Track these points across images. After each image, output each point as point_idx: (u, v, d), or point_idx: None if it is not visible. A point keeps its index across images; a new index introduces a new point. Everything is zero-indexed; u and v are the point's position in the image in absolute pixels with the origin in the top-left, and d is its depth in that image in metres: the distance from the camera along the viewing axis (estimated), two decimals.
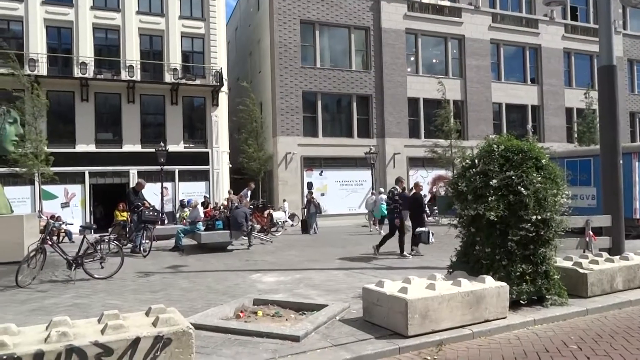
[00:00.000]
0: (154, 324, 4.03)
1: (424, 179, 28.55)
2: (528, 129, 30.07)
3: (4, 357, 3.42)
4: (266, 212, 16.95)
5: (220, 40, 25.84)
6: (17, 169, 18.17)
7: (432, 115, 26.39)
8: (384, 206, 17.80)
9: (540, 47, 32.08)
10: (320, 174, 26.88)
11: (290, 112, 26.30)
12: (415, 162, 28.37)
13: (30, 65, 21.53)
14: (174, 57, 24.61)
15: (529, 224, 5.79)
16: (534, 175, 5.93)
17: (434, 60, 30.27)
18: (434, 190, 28.23)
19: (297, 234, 17.19)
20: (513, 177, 5.88)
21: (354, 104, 27.76)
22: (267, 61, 27.33)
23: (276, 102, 26.03)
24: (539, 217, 5.82)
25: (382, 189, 20.24)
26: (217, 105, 25.40)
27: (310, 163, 26.78)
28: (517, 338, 5.03)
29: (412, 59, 29.34)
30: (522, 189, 5.81)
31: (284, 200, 23.98)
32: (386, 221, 13.62)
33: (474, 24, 30.21)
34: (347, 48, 27.97)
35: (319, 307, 5.86)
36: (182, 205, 19.56)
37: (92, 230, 9.91)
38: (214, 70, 25.09)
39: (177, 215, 19.69)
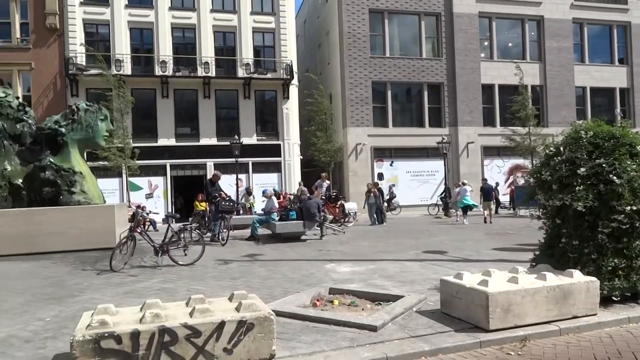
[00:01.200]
0: (237, 309, 4.20)
1: (499, 169, 27.44)
2: (617, 113, 27.89)
3: (106, 334, 3.71)
4: (338, 203, 17.06)
5: (290, 34, 26.21)
6: (107, 162, 19.58)
7: (508, 102, 25.17)
8: (468, 197, 17.42)
9: (629, 25, 29.55)
10: (391, 165, 26.61)
11: (360, 103, 26.21)
12: (490, 152, 27.29)
13: (116, 66, 23.04)
14: (246, 53, 25.30)
15: (622, 215, 5.40)
16: (628, 162, 5.50)
17: (510, 44, 28.84)
18: (512, 179, 27.02)
19: (370, 226, 17.16)
20: (604, 165, 5.49)
21: (425, 93, 27.13)
22: (336, 52, 27.37)
23: (345, 93, 26.04)
24: (634, 208, 5.41)
25: (465, 181, 19.73)
26: (287, 98, 25.84)
27: (381, 154, 26.58)
28: (609, 336, 4.73)
29: (486, 43, 28.14)
30: (615, 177, 5.41)
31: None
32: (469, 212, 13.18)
33: (554, 4, 28.37)
34: (417, 35, 27.35)
35: (395, 298, 5.83)
36: (249, 192, 20.09)
37: (175, 220, 10.46)
38: (285, 64, 25.50)
39: (241, 200, 20.05)
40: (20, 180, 11.57)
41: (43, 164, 11.51)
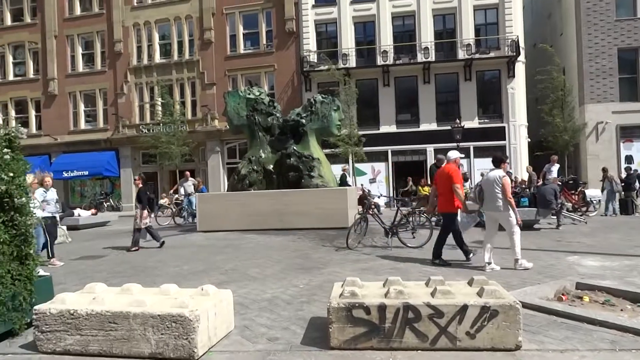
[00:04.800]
0: (479, 294, 4.12)
1: None
2: None
3: (356, 304, 4.06)
4: (578, 190, 15.18)
5: (515, 7, 24.22)
6: (336, 149, 21.34)
7: None
8: None
9: None
10: None
11: (602, 76, 22.76)
12: None
13: (342, 60, 24.82)
14: (466, 33, 24.36)
15: None
16: None
17: None
18: None
19: (609, 216, 14.84)
20: None
21: None
22: (570, 20, 24.23)
23: (583, 66, 22.92)
24: None
25: None
26: (513, 76, 24.01)
27: (629, 133, 22.64)
28: None
29: None
30: None
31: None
32: None
33: None
34: None
35: None
36: (465, 178, 19.27)
37: (404, 204, 10.80)
38: (509, 40, 23.72)
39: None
40: (272, 166, 13.52)
41: (289, 151, 13.21)
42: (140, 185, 10.50)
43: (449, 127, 21.15)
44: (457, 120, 21.37)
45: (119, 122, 27.78)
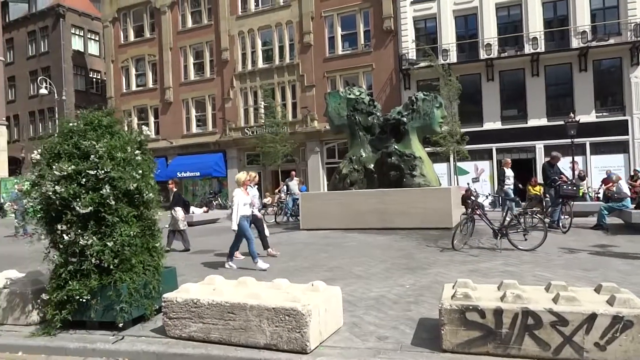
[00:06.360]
0: (610, 303, 3.77)
1: None
2: None
3: (470, 307, 3.92)
4: None
5: None
6: (437, 148, 20.77)
7: None
8: None
9: None
10: None
11: None
12: None
13: (443, 56, 24.09)
14: (581, 20, 22.44)
15: None
16: None
17: None
18: None
19: None
20: None
21: None
22: None
23: None
24: None
25: None
26: (637, 64, 21.72)
27: None
28: None
29: None
30: None
31: None
32: None
33: None
34: None
35: None
36: (581, 177, 17.96)
37: (515, 203, 10.21)
38: (633, 24, 21.40)
39: None
40: (372, 165, 13.51)
41: (389, 150, 13.11)
42: (175, 189, 10.94)
43: (562, 122, 19.62)
44: (571, 115, 19.75)
45: (226, 125, 29.51)
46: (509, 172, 13.46)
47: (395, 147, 13.12)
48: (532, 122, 23.20)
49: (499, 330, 3.83)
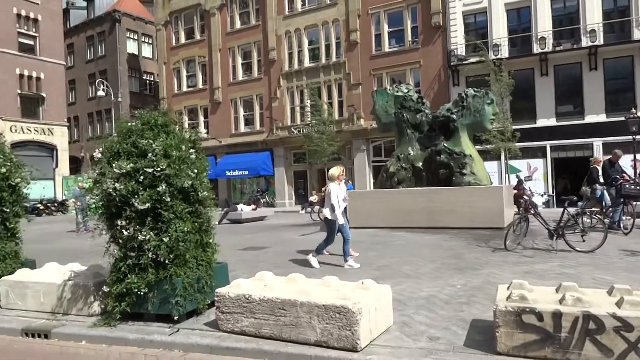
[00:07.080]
0: None
1: None
2: None
3: (527, 309, 3.79)
4: None
5: None
6: (487, 145, 20.19)
7: None
8: None
9: None
10: None
11: None
12: None
13: (494, 50, 23.38)
14: None
15: None
16: None
17: None
18: None
19: None
20: None
21: None
22: None
23: None
24: None
25: None
26: None
27: None
28: None
29: None
30: None
31: None
32: None
33: None
34: None
35: None
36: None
37: (571, 203, 9.76)
38: None
39: None
40: (421, 163, 13.31)
41: (438, 148, 12.88)
42: None
43: (622, 118, 18.62)
44: (633, 110, 18.69)
45: (273, 124, 29.89)
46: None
47: (445, 144, 12.87)
48: (590, 119, 22.15)
49: (558, 334, 3.68)
